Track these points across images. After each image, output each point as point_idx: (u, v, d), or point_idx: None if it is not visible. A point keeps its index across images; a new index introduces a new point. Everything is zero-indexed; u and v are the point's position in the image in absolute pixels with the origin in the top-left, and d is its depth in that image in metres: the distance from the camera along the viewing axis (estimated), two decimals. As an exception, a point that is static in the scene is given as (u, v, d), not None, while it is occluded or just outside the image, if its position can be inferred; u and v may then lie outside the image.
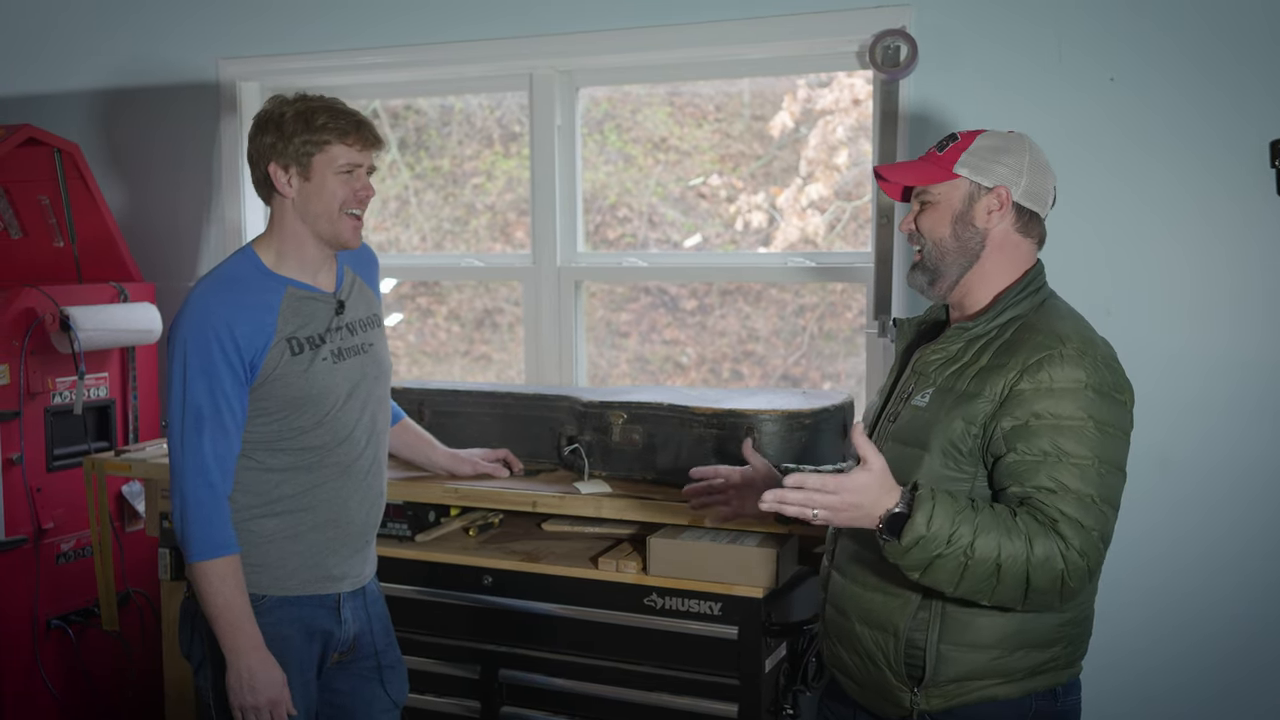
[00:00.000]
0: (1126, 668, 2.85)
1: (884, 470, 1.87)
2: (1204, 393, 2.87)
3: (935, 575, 1.85)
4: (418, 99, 3.90)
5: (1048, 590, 1.85)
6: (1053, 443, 1.86)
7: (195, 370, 2.20)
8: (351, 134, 2.27)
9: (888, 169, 2.14)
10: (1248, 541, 2.86)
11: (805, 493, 1.85)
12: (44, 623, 3.51)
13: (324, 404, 2.30)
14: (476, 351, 4.01)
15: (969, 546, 1.82)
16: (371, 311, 2.46)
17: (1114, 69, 2.89)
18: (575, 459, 2.98)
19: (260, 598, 2.28)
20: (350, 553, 2.39)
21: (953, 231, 2.03)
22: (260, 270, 2.30)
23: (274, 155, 2.26)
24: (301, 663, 2.33)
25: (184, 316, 2.24)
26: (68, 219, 3.72)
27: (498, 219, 3.89)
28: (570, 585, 2.78)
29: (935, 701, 1.98)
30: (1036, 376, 1.89)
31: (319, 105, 2.27)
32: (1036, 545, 1.82)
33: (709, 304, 3.66)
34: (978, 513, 1.85)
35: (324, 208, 2.28)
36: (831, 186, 3.47)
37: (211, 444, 2.21)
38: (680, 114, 3.67)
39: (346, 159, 2.27)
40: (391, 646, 2.53)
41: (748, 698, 2.65)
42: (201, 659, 2.33)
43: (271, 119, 2.27)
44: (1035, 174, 2.03)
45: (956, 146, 2.06)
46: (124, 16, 4.00)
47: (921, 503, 1.84)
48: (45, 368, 3.49)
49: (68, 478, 3.55)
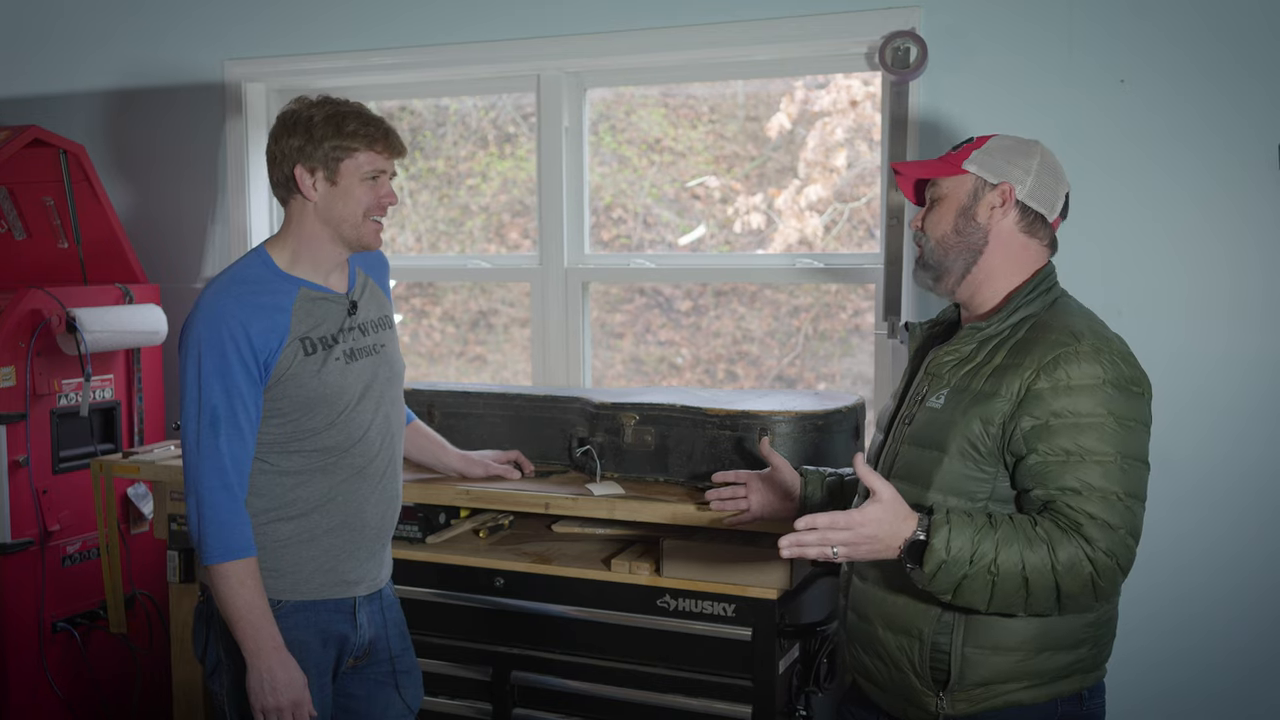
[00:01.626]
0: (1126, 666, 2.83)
1: (895, 499, 1.88)
2: (1204, 392, 2.87)
3: (966, 596, 1.86)
4: (413, 100, 3.89)
5: (1080, 594, 1.86)
6: (1074, 441, 1.87)
7: (210, 371, 2.19)
8: (380, 141, 2.27)
9: (903, 165, 2.17)
10: (1247, 540, 2.87)
11: (819, 532, 1.87)
12: (50, 625, 3.50)
13: (337, 405, 2.29)
14: (471, 353, 4.00)
15: (993, 563, 1.83)
16: (383, 313, 2.46)
17: (1124, 71, 2.90)
18: (587, 460, 2.97)
19: (277, 603, 2.27)
20: (366, 556, 2.38)
21: (955, 225, 2.05)
22: (273, 271, 2.30)
23: (301, 158, 2.25)
24: (318, 668, 2.32)
25: (197, 317, 2.23)
26: (73, 220, 3.71)
27: (492, 220, 3.88)
28: (582, 587, 2.77)
29: (961, 706, 1.97)
30: (1054, 375, 1.89)
31: (349, 111, 2.27)
32: (1060, 552, 1.83)
33: (704, 305, 3.66)
34: (996, 528, 1.85)
35: (349, 212, 2.28)
36: (830, 188, 3.47)
37: (228, 445, 2.21)
38: (675, 115, 3.67)
39: (373, 165, 2.28)
40: (407, 651, 2.52)
41: (761, 699, 2.65)
42: (216, 663, 2.32)
43: (299, 121, 2.26)
44: (1044, 177, 2.04)
45: (971, 146, 2.08)
46: (129, 17, 3.99)
47: (938, 527, 1.85)
48: (51, 369, 3.48)
49: (74, 480, 3.54)
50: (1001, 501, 1.95)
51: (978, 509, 1.94)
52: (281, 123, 2.29)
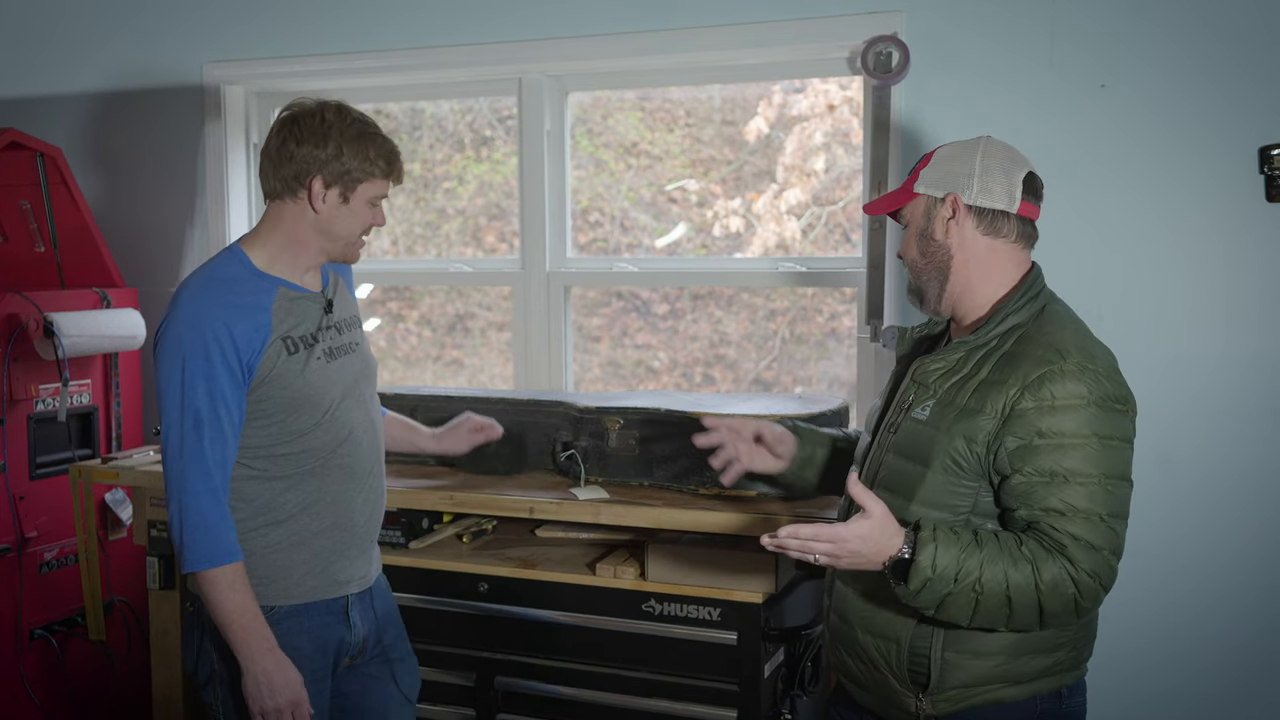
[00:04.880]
0: (1123, 667, 2.87)
1: (885, 516, 1.89)
2: (1201, 394, 2.90)
3: (949, 612, 1.88)
4: (388, 103, 3.87)
5: (1062, 612, 1.87)
6: (1058, 462, 1.87)
7: (194, 374, 2.15)
8: (396, 171, 2.28)
9: (870, 205, 2.20)
10: (1245, 542, 2.89)
11: (801, 541, 1.88)
12: (28, 633, 3.46)
13: (321, 404, 2.27)
14: (448, 357, 3.99)
15: (977, 581, 1.84)
16: (352, 313, 2.45)
17: (1106, 74, 2.92)
18: (571, 465, 2.97)
19: (270, 609, 2.25)
20: (356, 554, 2.37)
21: (920, 250, 2.07)
22: (250, 270, 2.25)
23: (322, 171, 2.21)
24: (314, 673, 2.30)
25: (177, 318, 2.18)
26: (50, 224, 3.67)
27: (469, 224, 3.87)
28: (568, 591, 2.77)
29: (941, 706, 1.99)
30: (1039, 394, 1.89)
31: (372, 133, 2.24)
32: (1044, 571, 1.84)
33: (680, 309, 3.66)
34: (982, 547, 1.86)
35: (349, 231, 2.27)
36: (808, 192, 3.48)
37: (212, 449, 2.17)
38: (651, 119, 3.67)
39: (382, 192, 2.27)
40: (401, 639, 2.51)
41: (746, 703, 2.65)
42: (211, 674, 2.29)
43: (325, 133, 2.20)
44: (991, 173, 2.01)
45: (920, 165, 2.09)
46: (108, 20, 3.96)
47: (924, 545, 1.86)
48: (28, 374, 3.44)
49: (50, 486, 3.51)
50: (983, 515, 1.96)
51: (960, 523, 1.94)
52: (301, 126, 2.22)
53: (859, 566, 1.91)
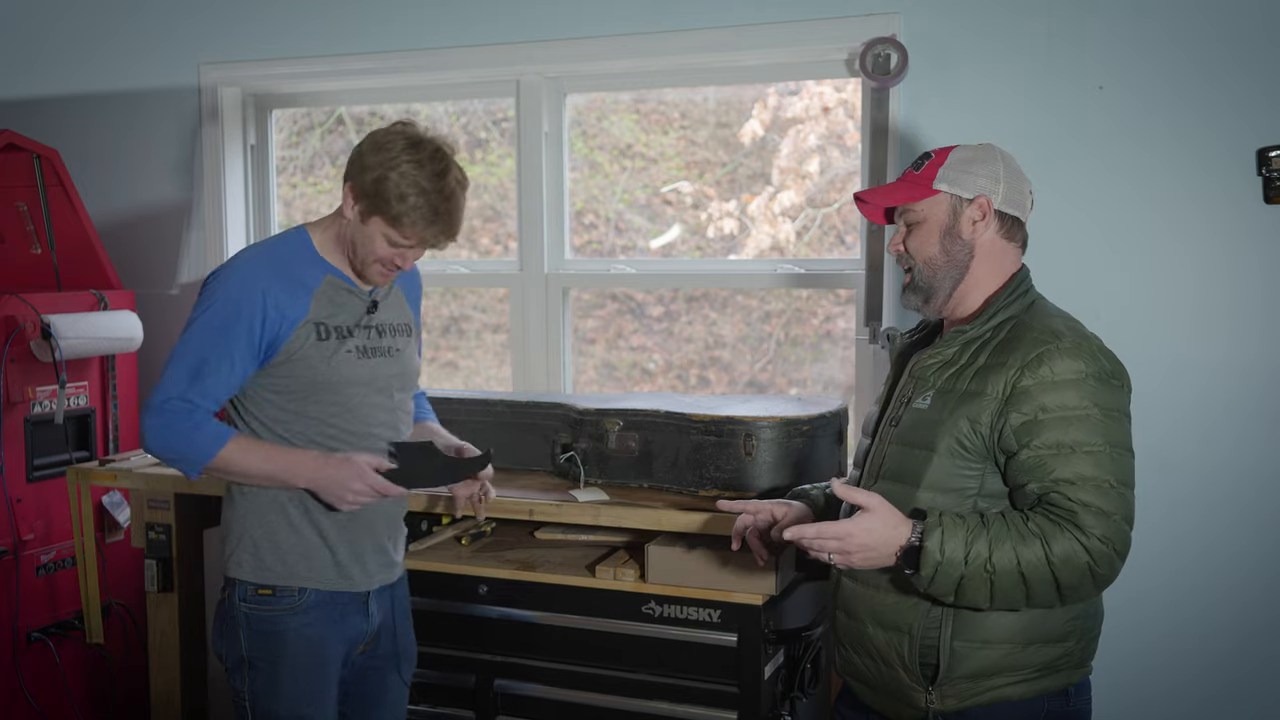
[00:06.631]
0: (1124, 667, 2.87)
1: (884, 506, 1.92)
2: (1201, 396, 2.90)
3: (968, 596, 1.90)
4: (383, 105, 3.86)
5: (1080, 584, 1.89)
6: (1064, 434, 1.91)
7: (217, 325, 2.22)
8: (423, 241, 2.29)
9: (868, 193, 2.19)
10: (1245, 543, 2.90)
11: (809, 539, 1.94)
12: (25, 635, 3.45)
13: (343, 393, 2.32)
14: (443, 358, 3.99)
15: (987, 562, 1.87)
16: (402, 320, 2.48)
17: (1103, 76, 2.92)
18: (570, 466, 2.97)
19: (299, 591, 2.31)
20: (377, 550, 2.42)
21: (941, 247, 2.08)
22: (309, 250, 2.34)
23: (357, 179, 2.25)
24: (332, 663, 2.36)
25: (227, 271, 2.28)
26: (47, 226, 3.66)
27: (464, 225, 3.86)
28: (567, 594, 2.76)
29: (950, 701, 2.00)
30: (1038, 371, 1.93)
31: (427, 189, 2.23)
32: (1054, 545, 1.86)
33: (675, 310, 3.66)
34: (988, 527, 1.89)
35: (364, 251, 2.30)
36: (803, 194, 3.48)
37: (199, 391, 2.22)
38: (646, 121, 3.67)
39: (401, 240, 2.27)
40: (408, 630, 2.56)
41: (747, 705, 2.64)
42: (238, 660, 2.33)
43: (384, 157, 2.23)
44: (1012, 180, 2.08)
45: (933, 164, 2.10)
46: (104, 21, 3.95)
47: (930, 531, 1.89)
48: (25, 377, 3.43)
49: (47, 488, 3.50)
50: (991, 497, 1.99)
51: (967, 506, 1.97)
52: (373, 140, 2.27)
53: (873, 563, 1.94)
